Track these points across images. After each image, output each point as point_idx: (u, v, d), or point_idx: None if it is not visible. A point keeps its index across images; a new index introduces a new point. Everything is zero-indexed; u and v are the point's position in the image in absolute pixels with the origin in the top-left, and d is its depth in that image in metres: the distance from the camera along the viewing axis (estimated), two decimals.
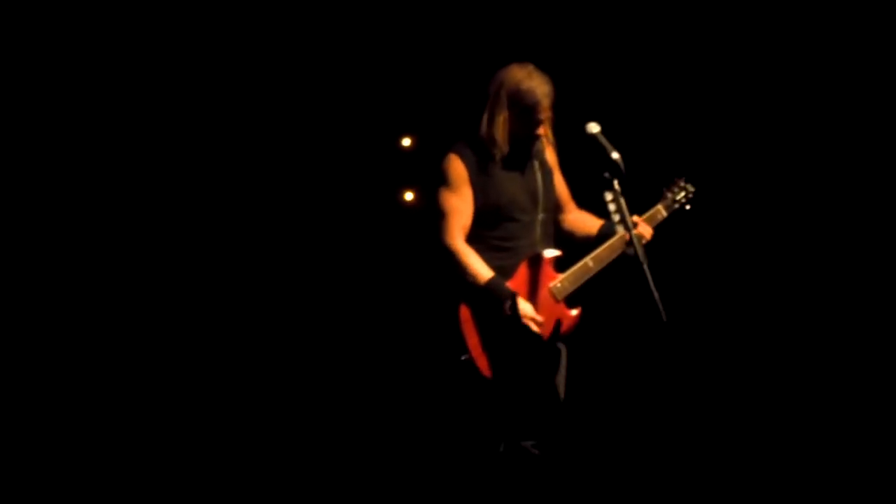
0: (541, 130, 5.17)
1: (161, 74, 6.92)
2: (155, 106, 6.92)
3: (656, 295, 4.76)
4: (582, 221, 5.41)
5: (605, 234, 5.27)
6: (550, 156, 5.36)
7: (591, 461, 6.87)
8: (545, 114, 5.14)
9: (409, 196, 7.38)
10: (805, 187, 7.16)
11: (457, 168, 5.16)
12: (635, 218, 5.15)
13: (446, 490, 5.31)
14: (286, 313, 7.12)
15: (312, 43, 7.10)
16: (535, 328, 5.05)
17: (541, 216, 5.24)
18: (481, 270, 5.07)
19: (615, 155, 4.89)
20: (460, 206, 5.13)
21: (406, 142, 7.36)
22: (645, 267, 4.81)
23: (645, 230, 5.29)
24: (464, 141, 5.21)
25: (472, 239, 5.14)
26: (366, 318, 7.20)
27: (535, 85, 5.12)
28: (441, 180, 5.18)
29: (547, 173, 5.31)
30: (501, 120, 5.16)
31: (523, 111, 5.13)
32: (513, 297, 5.02)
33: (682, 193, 5.49)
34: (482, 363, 5.02)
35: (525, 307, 5.06)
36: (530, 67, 5.18)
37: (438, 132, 5.86)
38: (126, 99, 6.88)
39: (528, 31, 7.03)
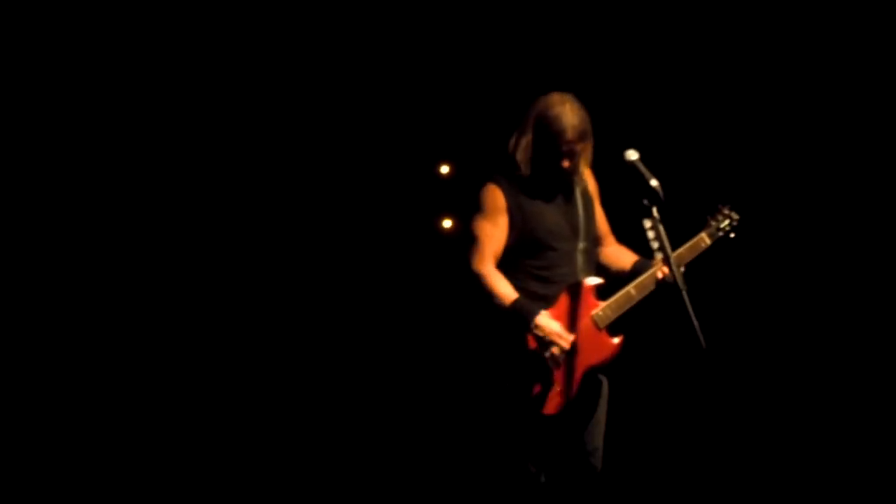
0: (565, 164, 5.13)
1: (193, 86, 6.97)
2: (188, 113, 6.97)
3: (696, 322, 4.75)
4: (617, 256, 5.37)
5: (638, 270, 5.24)
6: (592, 187, 5.34)
7: (634, 489, 6.85)
8: (567, 146, 5.09)
9: (447, 223, 7.39)
10: (850, 218, 7.13)
11: (494, 197, 5.15)
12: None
13: None
14: (322, 339, 7.14)
15: (354, 69, 7.13)
16: (563, 344, 5.03)
17: (581, 245, 5.23)
18: (507, 292, 5.05)
19: (654, 182, 4.88)
20: (493, 233, 5.12)
21: (444, 169, 7.38)
22: (684, 294, 4.80)
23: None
24: (503, 171, 5.21)
25: (514, 268, 5.13)
26: (402, 345, 7.21)
27: (564, 114, 5.08)
28: (476, 208, 5.18)
29: (588, 203, 5.29)
30: (525, 143, 5.15)
31: (547, 138, 5.10)
32: (537, 315, 5.01)
33: (727, 221, 5.44)
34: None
35: (550, 323, 5.05)
36: (568, 97, 5.15)
37: (477, 160, 5.88)
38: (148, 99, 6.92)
39: (568, 58, 7.04)
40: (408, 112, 7.23)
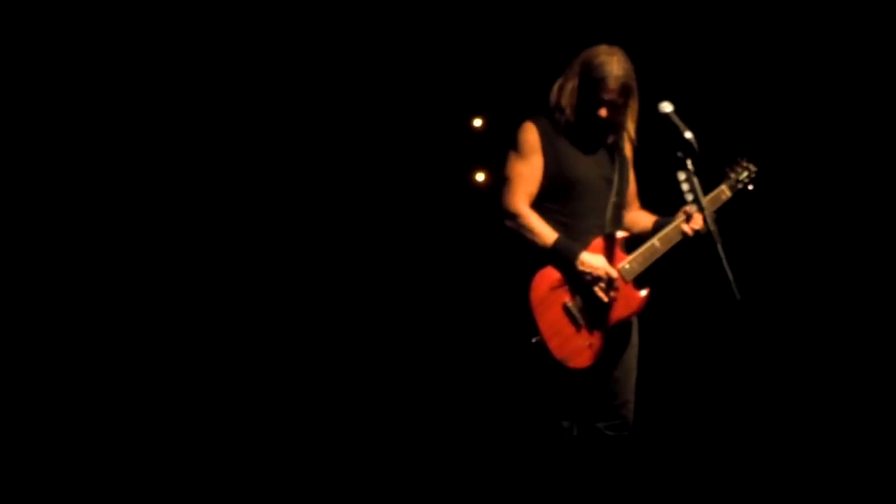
0: (602, 112, 5.09)
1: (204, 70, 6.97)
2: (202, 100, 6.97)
3: (730, 274, 4.75)
4: (639, 219, 5.34)
5: (660, 226, 5.22)
6: (628, 149, 5.32)
7: (665, 444, 6.85)
8: (608, 94, 5.07)
9: (480, 177, 7.38)
10: (879, 166, 7.08)
11: (531, 135, 5.13)
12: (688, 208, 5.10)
13: (519, 474, 5.30)
14: (352, 289, 7.15)
15: (385, 22, 7.11)
16: (613, 274, 5.00)
17: (613, 199, 5.21)
18: (546, 232, 5.04)
19: (688, 134, 4.89)
20: (528, 174, 5.10)
21: (478, 122, 7.36)
22: (719, 246, 4.79)
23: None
24: (542, 114, 5.18)
25: (542, 214, 5.10)
26: (432, 300, 7.22)
27: (609, 63, 5.06)
28: (512, 146, 5.15)
29: (624, 162, 5.27)
30: (570, 88, 5.13)
31: (589, 84, 5.07)
32: (581, 252, 5.00)
33: (745, 173, 5.41)
34: (553, 344, 5.00)
35: (596, 259, 5.03)
36: (617, 50, 5.12)
37: (511, 113, 5.85)
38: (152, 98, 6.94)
39: (601, 13, 6.99)
40: (441, 65, 7.20)
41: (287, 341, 7.03)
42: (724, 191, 5.35)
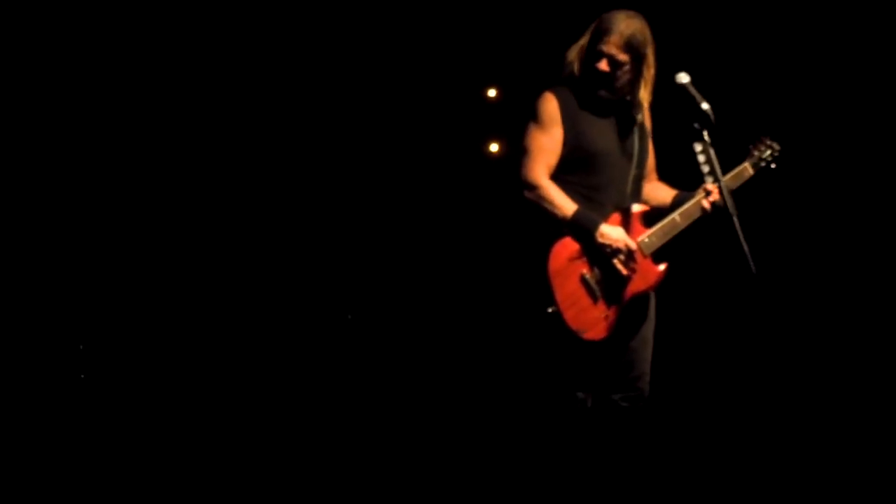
0: (602, 65, 5.02)
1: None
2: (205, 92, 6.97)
3: (746, 247, 4.73)
4: (658, 192, 5.32)
5: (680, 201, 5.20)
6: (647, 120, 5.29)
7: (679, 415, 6.86)
8: (608, 48, 4.99)
9: (494, 147, 7.36)
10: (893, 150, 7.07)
11: (550, 106, 5.08)
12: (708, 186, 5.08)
13: (533, 445, 5.30)
14: (370, 260, 7.16)
15: None
16: (632, 245, 4.99)
17: (633, 172, 5.18)
18: (566, 204, 5.01)
19: (705, 105, 4.85)
20: (548, 145, 5.07)
21: (492, 93, 7.34)
22: (735, 219, 4.78)
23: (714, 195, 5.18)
24: (562, 84, 5.16)
25: (561, 185, 5.06)
26: (449, 271, 7.22)
27: (618, 20, 5.02)
28: (532, 117, 5.11)
29: (644, 134, 5.23)
30: (581, 44, 5.10)
31: (595, 34, 5.04)
32: (600, 224, 4.99)
33: (769, 151, 5.38)
34: (570, 315, 5.00)
35: (615, 231, 5.02)
36: (633, 13, 5.07)
37: (525, 83, 5.84)
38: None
39: None
40: (455, 35, 7.18)
41: (308, 298, 7.05)
42: (746, 168, 5.32)
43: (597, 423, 5.16)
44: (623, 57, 5.04)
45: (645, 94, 5.18)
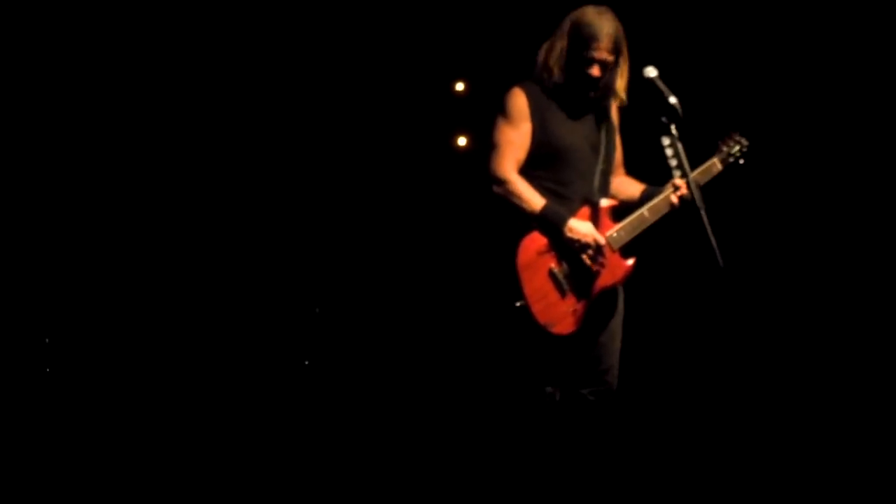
0: (594, 71, 5.06)
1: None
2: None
3: (713, 241, 4.74)
4: (626, 186, 5.31)
5: (648, 195, 5.20)
6: (614, 114, 5.29)
7: (647, 409, 6.87)
8: (599, 53, 5.02)
9: (462, 141, 7.36)
10: (863, 146, 7.09)
11: (519, 101, 5.08)
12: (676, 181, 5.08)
13: (501, 439, 5.30)
14: (338, 254, 7.15)
15: None
16: (600, 241, 4.99)
17: (600, 167, 5.17)
18: (534, 198, 5.01)
19: (673, 99, 4.85)
20: (516, 140, 5.06)
21: (460, 87, 7.33)
22: (703, 213, 4.78)
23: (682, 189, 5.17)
24: (530, 79, 5.15)
25: (529, 180, 5.05)
26: (416, 265, 7.21)
27: (600, 21, 5.01)
28: (500, 112, 5.10)
29: (611, 128, 5.24)
30: (559, 49, 5.07)
31: (579, 43, 5.02)
32: (569, 219, 4.98)
33: (737, 147, 5.38)
34: (537, 309, 4.99)
35: (584, 226, 5.02)
36: (604, 9, 5.07)
37: (493, 77, 5.83)
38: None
39: None
40: (422, 29, 7.17)
41: (277, 306, 7.05)
42: (715, 164, 5.31)
43: (565, 417, 5.15)
44: (611, 58, 5.06)
45: (621, 84, 5.18)
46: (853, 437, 6.51)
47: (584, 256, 5.01)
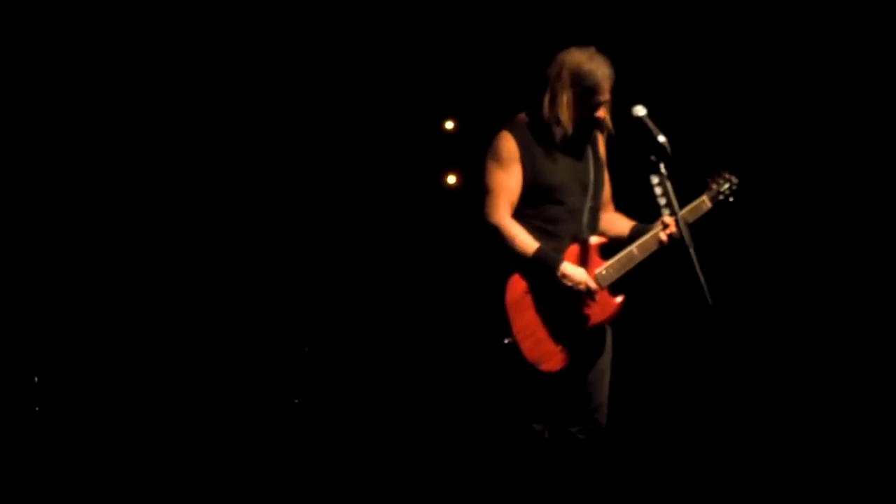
0: (601, 113, 5.08)
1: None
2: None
3: (702, 279, 4.74)
4: (615, 223, 5.32)
5: (638, 233, 5.21)
6: (602, 149, 5.31)
7: (637, 447, 6.86)
8: (605, 96, 5.07)
9: (451, 179, 7.37)
10: (853, 180, 7.12)
11: (508, 145, 5.09)
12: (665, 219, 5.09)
13: (491, 476, 5.28)
14: (328, 286, 7.15)
15: (355, 26, 7.10)
16: (592, 286, 5.00)
17: (589, 204, 5.18)
18: (528, 242, 5.01)
19: (661, 138, 4.85)
20: (508, 184, 5.07)
21: (449, 125, 7.35)
22: (691, 251, 4.79)
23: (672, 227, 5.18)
24: (516, 120, 5.17)
25: (519, 220, 5.06)
26: (407, 301, 7.20)
27: (597, 66, 5.04)
28: (490, 156, 5.11)
29: (599, 164, 5.25)
30: (565, 100, 5.07)
31: (585, 92, 5.05)
32: (562, 263, 4.99)
33: (727, 185, 5.38)
34: (526, 346, 4.99)
35: (577, 271, 5.02)
36: (591, 50, 5.09)
37: (482, 116, 5.84)
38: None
39: (571, 16, 6.99)
40: (413, 69, 7.19)
41: (257, 346, 7.03)
42: (704, 201, 5.32)
43: (554, 455, 5.14)
44: (611, 95, 5.10)
45: (608, 118, 5.20)
46: (845, 461, 6.52)
47: (574, 296, 5.01)
